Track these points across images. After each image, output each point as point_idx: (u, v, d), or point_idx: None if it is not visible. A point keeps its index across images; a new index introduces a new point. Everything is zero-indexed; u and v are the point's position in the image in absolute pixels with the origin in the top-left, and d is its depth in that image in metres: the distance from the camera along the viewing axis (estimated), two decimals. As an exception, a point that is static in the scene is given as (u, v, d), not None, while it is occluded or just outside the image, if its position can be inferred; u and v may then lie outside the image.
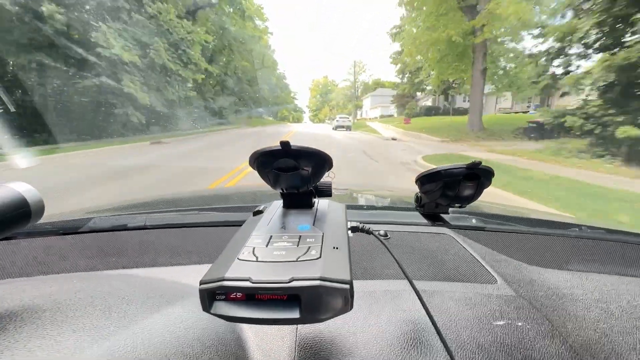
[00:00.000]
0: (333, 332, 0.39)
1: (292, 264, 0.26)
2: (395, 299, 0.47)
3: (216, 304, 0.24)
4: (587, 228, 0.83)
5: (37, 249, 0.65)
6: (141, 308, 0.35)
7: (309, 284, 0.23)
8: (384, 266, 0.59)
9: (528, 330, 0.41)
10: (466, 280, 0.55)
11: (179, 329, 0.33)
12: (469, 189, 0.42)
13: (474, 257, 0.63)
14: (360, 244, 0.67)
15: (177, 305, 0.38)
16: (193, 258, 0.63)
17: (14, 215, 0.29)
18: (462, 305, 0.46)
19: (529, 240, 0.78)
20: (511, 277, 0.57)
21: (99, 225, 0.76)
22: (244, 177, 5.18)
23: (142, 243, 0.69)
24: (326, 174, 0.39)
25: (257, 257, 0.27)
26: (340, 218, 0.38)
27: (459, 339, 0.39)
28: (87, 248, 0.67)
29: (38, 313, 0.30)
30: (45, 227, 0.73)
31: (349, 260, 0.28)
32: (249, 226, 0.35)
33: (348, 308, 0.24)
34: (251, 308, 0.24)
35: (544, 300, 0.50)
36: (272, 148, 0.33)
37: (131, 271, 0.58)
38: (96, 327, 0.30)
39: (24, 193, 0.31)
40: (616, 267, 0.67)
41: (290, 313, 0.23)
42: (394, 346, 0.38)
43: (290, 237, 0.31)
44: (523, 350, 0.38)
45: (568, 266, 0.65)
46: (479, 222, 0.85)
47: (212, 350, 0.33)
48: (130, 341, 0.29)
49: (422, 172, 0.45)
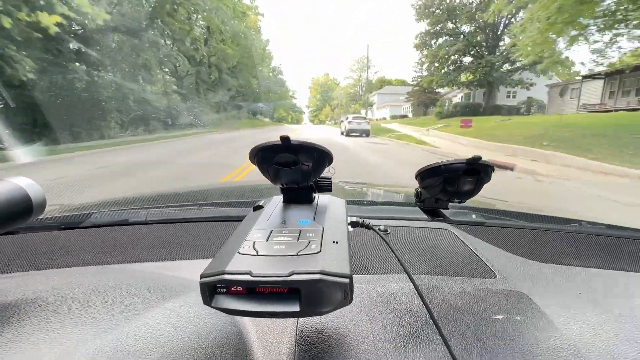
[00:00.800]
0: (333, 325, 0.40)
1: (293, 258, 0.26)
2: (394, 294, 0.47)
3: (217, 298, 0.24)
4: (587, 223, 0.84)
5: (39, 244, 0.65)
6: (143, 302, 0.36)
7: (309, 278, 0.23)
8: (384, 261, 0.59)
9: (527, 325, 0.41)
10: (466, 275, 0.54)
11: (180, 322, 0.34)
12: (469, 184, 0.42)
13: (473, 252, 0.63)
14: (360, 239, 0.67)
15: (178, 298, 0.38)
16: (194, 252, 0.64)
17: (17, 209, 0.30)
18: (461, 300, 0.46)
19: (528, 236, 0.77)
20: (510, 272, 0.57)
21: (101, 220, 0.76)
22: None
23: (143, 238, 0.70)
24: (326, 169, 0.39)
25: (257, 251, 0.27)
26: (341, 213, 0.39)
27: (458, 333, 0.40)
28: (89, 242, 0.67)
29: (41, 307, 0.31)
30: (47, 221, 0.74)
31: (348, 254, 0.28)
32: (250, 221, 0.35)
33: (347, 302, 0.24)
34: (251, 301, 0.24)
35: (543, 295, 0.50)
36: (273, 143, 0.34)
37: (133, 265, 0.58)
38: (98, 321, 0.30)
39: (26, 188, 0.31)
40: (616, 262, 0.68)
41: (290, 306, 0.23)
42: (393, 340, 0.38)
43: (291, 232, 0.31)
44: (522, 344, 0.38)
45: (568, 261, 0.66)
46: (478, 217, 0.86)
47: (212, 343, 0.33)
48: (132, 334, 0.30)
49: (423, 167, 0.44)
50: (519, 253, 0.66)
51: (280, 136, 0.33)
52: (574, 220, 0.85)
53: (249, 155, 0.36)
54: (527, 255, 0.66)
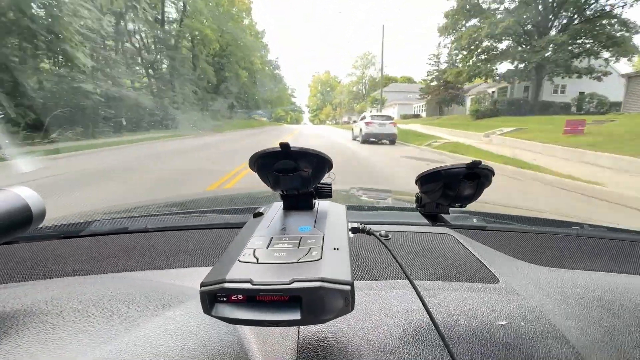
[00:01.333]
0: (335, 333, 0.40)
1: (293, 265, 0.25)
2: (396, 299, 0.47)
3: (217, 306, 0.24)
4: (589, 226, 0.83)
5: (38, 253, 0.65)
6: (142, 311, 0.36)
7: (310, 285, 0.23)
8: (385, 267, 0.58)
9: (530, 330, 0.41)
10: (467, 280, 0.54)
11: (180, 331, 0.34)
12: (470, 188, 0.43)
13: (475, 256, 0.62)
14: (361, 245, 0.66)
15: (179, 307, 0.38)
16: (194, 260, 0.63)
17: (16, 219, 0.30)
18: (463, 305, 0.46)
19: (530, 239, 0.77)
20: (513, 277, 0.56)
21: (100, 228, 0.76)
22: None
23: (143, 246, 0.69)
24: (326, 175, 0.39)
25: (257, 259, 0.27)
26: (341, 219, 0.39)
27: (460, 338, 0.39)
28: (89, 251, 0.67)
29: (40, 317, 0.30)
30: (47, 231, 0.73)
31: (349, 261, 0.28)
32: (250, 228, 0.35)
33: (349, 309, 0.24)
34: (252, 310, 0.23)
35: (545, 300, 0.50)
36: (272, 149, 0.34)
37: (132, 274, 0.58)
38: (98, 331, 0.30)
39: (26, 198, 0.31)
40: (618, 265, 0.67)
41: (291, 314, 0.23)
42: (395, 346, 0.38)
43: (291, 239, 0.31)
44: (525, 350, 0.38)
45: (570, 265, 0.65)
46: (479, 221, 0.85)
47: (213, 352, 0.33)
48: (132, 344, 0.29)
49: (423, 172, 0.46)
50: (521, 257, 0.66)
51: (280, 143, 0.33)
52: (576, 223, 0.84)
53: (249, 162, 0.35)
54: (529, 259, 0.65)
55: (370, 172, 5.82)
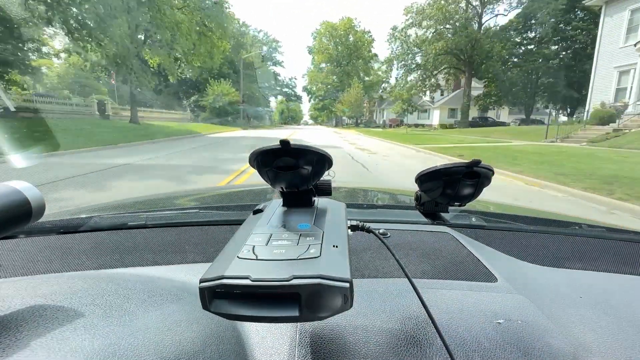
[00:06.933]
0: (333, 330, 0.40)
1: (292, 262, 0.26)
2: (394, 298, 0.47)
3: (216, 302, 0.24)
4: (587, 226, 0.83)
5: (37, 248, 0.65)
6: (141, 306, 0.36)
7: (309, 282, 0.23)
8: (384, 265, 0.58)
9: (528, 329, 0.42)
10: (466, 279, 0.54)
11: (179, 327, 0.34)
12: (469, 187, 0.42)
13: (473, 255, 0.62)
14: (360, 243, 0.66)
15: (177, 303, 0.39)
16: (193, 257, 0.63)
17: (16, 214, 0.30)
18: (462, 304, 0.46)
19: (529, 239, 0.77)
20: (511, 276, 0.56)
21: (100, 224, 0.75)
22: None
23: (142, 242, 0.69)
24: (326, 172, 0.39)
25: (257, 256, 0.27)
26: (340, 217, 0.39)
27: (458, 337, 0.40)
28: (88, 247, 0.66)
29: (39, 312, 0.31)
30: (46, 226, 0.73)
31: (348, 258, 0.28)
32: (249, 225, 0.35)
33: (348, 306, 0.24)
34: (251, 306, 0.24)
35: (544, 299, 0.50)
36: (272, 147, 0.34)
37: (131, 270, 0.57)
38: (96, 326, 0.30)
39: (25, 192, 0.31)
40: (616, 265, 0.68)
41: (289, 311, 0.23)
42: (393, 344, 0.38)
43: (290, 236, 0.31)
44: (523, 348, 0.38)
45: (568, 264, 0.66)
46: (478, 220, 0.84)
47: (212, 348, 0.33)
48: (131, 339, 0.30)
49: (422, 171, 0.44)
50: (519, 256, 0.66)
51: (280, 140, 0.33)
52: (575, 223, 0.85)
53: (249, 159, 0.36)
54: (527, 259, 0.65)
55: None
